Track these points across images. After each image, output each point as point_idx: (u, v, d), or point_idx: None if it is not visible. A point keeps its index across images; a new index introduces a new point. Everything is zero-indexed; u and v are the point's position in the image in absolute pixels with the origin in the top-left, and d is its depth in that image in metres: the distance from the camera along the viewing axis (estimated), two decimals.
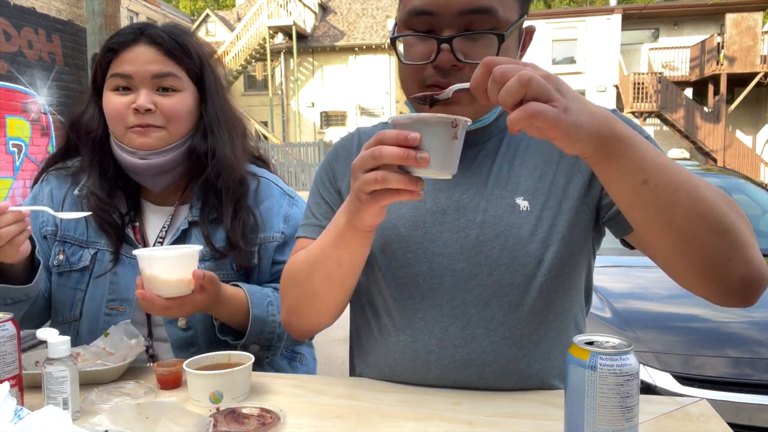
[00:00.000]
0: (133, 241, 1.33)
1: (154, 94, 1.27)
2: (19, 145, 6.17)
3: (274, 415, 0.93)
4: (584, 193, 1.03)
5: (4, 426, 0.77)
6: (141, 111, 1.24)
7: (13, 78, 6.03)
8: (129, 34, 1.27)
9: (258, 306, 1.28)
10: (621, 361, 0.72)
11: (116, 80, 1.27)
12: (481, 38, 0.94)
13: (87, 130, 1.33)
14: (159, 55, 1.27)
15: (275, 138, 22.82)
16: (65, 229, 1.35)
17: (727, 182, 4.19)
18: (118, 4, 5.64)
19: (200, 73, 1.32)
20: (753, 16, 18.28)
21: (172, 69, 1.28)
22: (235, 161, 1.35)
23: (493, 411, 0.95)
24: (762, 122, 20.55)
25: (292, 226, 1.40)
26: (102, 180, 1.33)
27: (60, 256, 1.33)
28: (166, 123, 1.27)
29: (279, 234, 1.40)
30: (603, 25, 21.16)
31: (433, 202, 1.07)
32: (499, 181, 1.05)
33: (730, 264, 0.81)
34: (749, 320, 2.52)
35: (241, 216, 1.34)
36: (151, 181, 1.33)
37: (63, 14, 6.67)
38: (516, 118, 0.69)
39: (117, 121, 1.27)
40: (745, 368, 2.26)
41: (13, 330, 0.96)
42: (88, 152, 1.34)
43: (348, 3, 27.03)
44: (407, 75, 1.00)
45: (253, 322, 1.27)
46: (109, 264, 1.31)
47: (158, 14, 27.80)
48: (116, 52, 1.28)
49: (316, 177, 1.21)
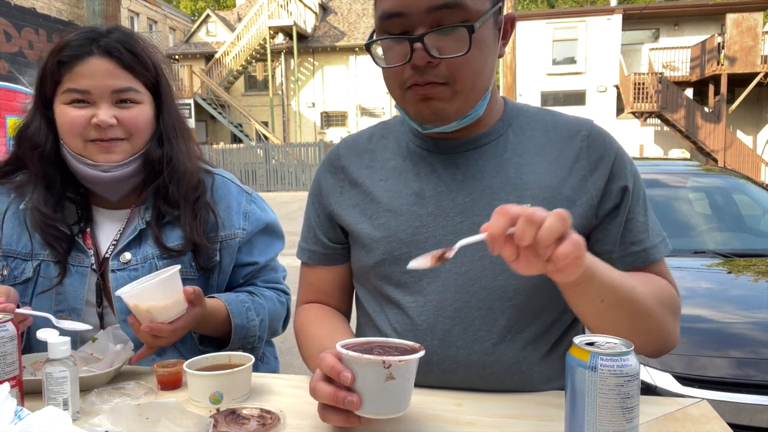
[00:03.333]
0: (83, 247, 1.30)
1: (113, 107, 1.23)
2: None
3: (274, 416, 0.93)
4: (587, 218, 1.04)
5: (4, 426, 0.77)
6: (103, 126, 1.21)
7: (13, 78, 6.04)
8: (81, 46, 1.22)
9: (238, 315, 1.30)
10: (621, 362, 0.72)
11: (71, 95, 1.22)
12: (452, 32, 0.94)
13: (33, 144, 1.27)
14: (116, 69, 1.23)
15: (276, 138, 22.82)
16: (8, 244, 1.30)
17: (728, 182, 4.18)
18: (118, 4, 5.64)
19: (156, 83, 1.30)
20: (753, 16, 18.27)
21: (130, 83, 1.24)
22: (192, 167, 1.34)
23: (494, 412, 0.95)
24: (763, 122, 20.55)
25: (252, 222, 1.41)
26: (48, 194, 1.28)
27: (4, 271, 1.29)
28: (128, 135, 1.25)
29: (240, 230, 1.39)
30: (603, 25, 21.16)
31: (436, 205, 1.06)
32: (506, 186, 1.04)
33: (650, 347, 1.00)
34: (753, 321, 2.52)
35: (200, 215, 1.33)
36: (109, 191, 1.31)
37: (64, 14, 6.68)
38: (568, 253, 0.73)
39: (74, 134, 1.23)
40: (747, 369, 2.25)
41: (13, 330, 0.96)
42: (33, 167, 1.29)
43: (348, 3, 27.03)
44: (388, 79, 1.02)
45: (235, 331, 1.29)
46: (55, 276, 1.27)
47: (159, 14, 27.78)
48: (69, 66, 1.22)
49: (308, 197, 1.24)
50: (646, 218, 1.06)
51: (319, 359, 0.86)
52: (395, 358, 0.78)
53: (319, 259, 1.20)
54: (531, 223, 0.72)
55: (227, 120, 23.62)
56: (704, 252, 3.37)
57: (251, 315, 1.32)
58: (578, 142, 1.06)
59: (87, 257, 1.29)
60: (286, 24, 23.32)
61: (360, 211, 1.12)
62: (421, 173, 1.09)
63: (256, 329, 1.33)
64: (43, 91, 1.27)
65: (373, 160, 1.15)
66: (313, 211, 1.21)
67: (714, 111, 18.98)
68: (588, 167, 1.05)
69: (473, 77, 0.97)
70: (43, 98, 1.27)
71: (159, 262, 1.30)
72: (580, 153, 1.05)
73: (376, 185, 1.12)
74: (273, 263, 1.47)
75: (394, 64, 0.98)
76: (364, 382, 0.79)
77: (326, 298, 1.22)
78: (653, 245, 1.05)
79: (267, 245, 1.44)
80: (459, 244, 0.80)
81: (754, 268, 3.18)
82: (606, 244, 1.05)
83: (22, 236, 1.30)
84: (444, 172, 1.07)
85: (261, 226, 1.43)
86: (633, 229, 1.05)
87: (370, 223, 1.10)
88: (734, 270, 3.15)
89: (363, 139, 1.20)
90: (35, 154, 1.27)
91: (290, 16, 23.74)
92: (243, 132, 23.79)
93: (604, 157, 1.05)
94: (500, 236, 0.74)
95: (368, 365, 0.79)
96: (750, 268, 3.18)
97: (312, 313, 1.19)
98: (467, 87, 0.98)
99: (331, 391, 0.82)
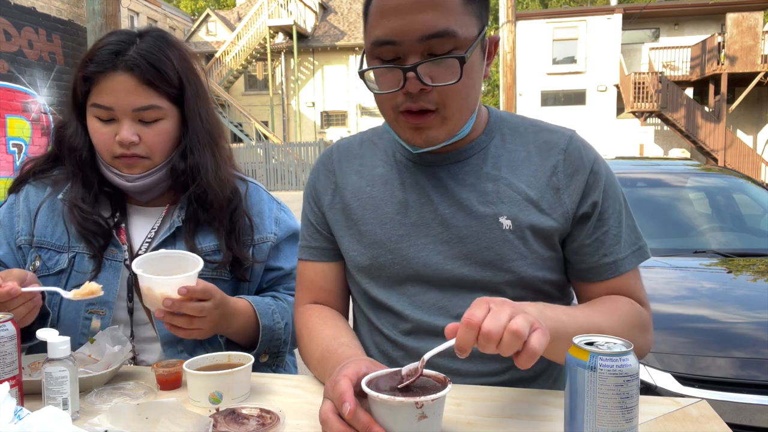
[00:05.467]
0: (117, 242, 1.33)
1: (136, 124, 1.26)
2: (20, 144, 6.18)
3: (273, 416, 0.93)
4: (562, 229, 1.08)
5: (4, 426, 0.76)
6: (125, 144, 1.25)
7: (13, 78, 6.04)
8: (105, 62, 1.24)
9: (265, 316, 1.31)
10: (621, 362, 0.72)
11: (97, 110, 1.26)
12: (444, 61, 0.97)
13: (71, 146, 1.33)
14: (138, 85, 1.24)
15: (276, 138, 22.82)
16: (42, 235, 1.33)
17: (728, 182, 4.18)
18: (118, 3, 5.64)
19: (180, 93, 1.31)
20: (754, 16, 18.27)
21: (152, 100, 1.26)
22: (222, 179, 1.35)
23: (493, 412, 0.95)
24: (763, 122, 20.54)
25: (282, 228, 1.45)
26: (85, 192, 1.32)
27: (36, 262, 1.32)
28: (150, 153, 1.28)
29: (272, 235, 1.43)
30: (604, 24, 21.15)
31: (418, 216, 1.10)
32: (484, 199, 1.08)
33: None
34: (753, 321, 2.51)
35: (238, 226, 1.37)
36: (138, 195, 1.36)
37: (63, 14, 6.68)
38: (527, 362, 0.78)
39: (103, 149, 1.29)
40: (747, 369, 2.25)
41: (13, 330, 0.96)
42: (71, 167, 1.34)
43: (348, 3, 27.02)
44: (381, 103, 1.05)
45: (263, 332, 1.30)
46: (90, 270, 1.30)
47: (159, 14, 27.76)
48: (93, 81, 1.26)
49: (304, 196, 1.26)
50: (620, 230, 1.09)
51: (336, 394, 0.81)
52: (427, 397, 0.76)
53: (322, 254, 1.21)
54: (488, 341, 0.77)
55: (227, 119, 23.61)
56: (704, 252, 3.37)
57: (276, 317, 1.33)
58: (555, 155, 1.10)
59: (120, 252, 1.33)
60: (286, 23, 23.31)
61: (347, 216, 1.16)
62: (406, 183, 1.13)
63: (281, 332, 1.33)
64: (76, 99, 1.31)
65: (363, 165, 1.19)
66: (310, 209, 1.23)
67: (714, 110, 18.97)
68: (564, 180, 1.08)
69: (462, 102, 1.02)
70: (77, 104, 1.31)
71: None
72: (557, 166, 1.09)
73: (363, 191, 1.16)
74: (296, 272, 1.46)
75: (387, 91, 1.00)
76: (395, 423, 0.77)
77: (326, 295, 1.23)
78: (623, 257, 1.09)
79: (292, 253, 1.46)
80: (427, 356, 0.82)
81: (753, 268, 3.18)
82: (577, 254, 1.10)
83: (57, 228, 1.34)
84: (427, 184, 1.11)
85: (289, 233, 1.46)
86: (605, 241, 1.08)
87: (357, 228, 1.14)
88: (734, 270, 3.14)
89: (355, 144, 1.24)
90: (73, 157, 1.33)
91: (290, 15, 23.74)
92: (243, 131, 23.79)
93: (579, 170, 1.08)
94: (468, 348, 0.78)
95: (400, 407, 0.76)
96: (750, 268, 3.18)
97: (315, 312, 1.20)
98: (456, 112, 1.02)
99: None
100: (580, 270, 1.11)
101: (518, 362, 0.79)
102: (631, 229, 1.12)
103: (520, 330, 0.76)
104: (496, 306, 0.79)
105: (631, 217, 1.13)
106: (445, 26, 0.94)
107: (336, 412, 0.81)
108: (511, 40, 10.32)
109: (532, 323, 0.79)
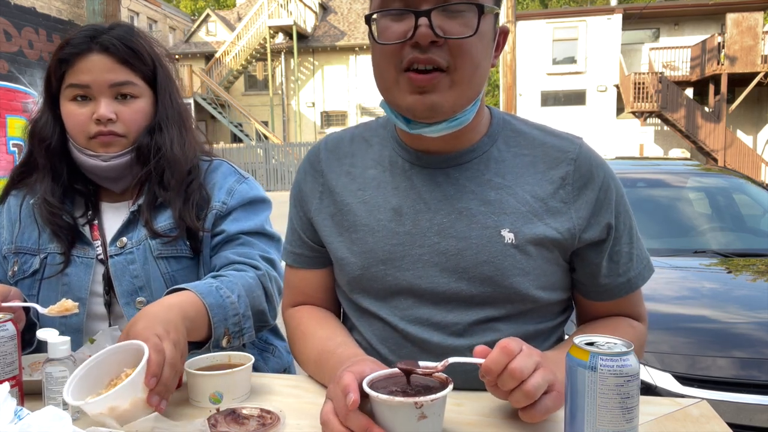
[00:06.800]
0: (88, 239, 1.33)
1: (113, 102, 1.28)
2: (20, 145, 6.17)
3: (274, 416, 0.93)
4: (567, 243, 1.03)
5: (4, 426, 0.76)
6: (103, 121, 1.26)
7: (13, 78, 6.04)
8: (81, 43, 1.27)
9: (208, 295, 1.17)
10: (621, 362, 0.72)
11: (74, 90, 1.27)
12: (459, 15, 0.90)
13: (41, 137, 1.33)
14: (114, 63, 1.27)
15: (276, 138, 22.81)
16: (19, 241, 1.35)
17: (728, 182, 4.18)
18: (118, 3, 5.64)
19: (153, 75, 1.34)
20: (754, 16, 18.26)
21: (128, 77, 1.29)
22: (183, 156, 1.35)
23: (493, 412, 0.95)
24: (763, 122, 20.54)
25: (236, 198, 1.37)
26: (54, 185, 1.33)
27: (14, 267, 1.33)
28: (126, 131, 1.29)
29: (219, 203, 1.36)
30: (604, 24, 21.15)
31: (413, 224, 1.04)
32: (486, 209, 1.02)
33: None
34: (753, 321, 2.51)
35: (192, 198, 1.34)
36: (110, 181, 1.34)
37: (63, 14, 6.68)
38: (536, 417, 0.82)
39: (78, 131, 1.29)
40: (747, 369, 2.25)
41: (13, 330, 0.96)
42: (41, 159, 1.34)
43: (348, 3, 27.02)
44: (383, 58, 0.95)
45: (213, 312, 1.16)
46: (59, 266, 1.30)
47: (159, 14, 27.76)
48: (70, 63, 1.27)
49: (290, 198, 1.21)
50: (631, 247, 1.07)
51: (340, 386, 0.80)
52: (427, 397, 0.76)
53: (305, 262, 1.17)
54: (513, 378, 0.79)
55: (227, 120, 23.61)
56: (704, 252, 3.37)
57: (224, 292, 1.19)
58: (565, 165, 1.03)
59: (92, 249, 1.33)
60: (286, 23, 23.30)
61: (336, 222, 1.10)
62: (401, 187, 1.06)
63: (236, 306, 1.20)
64: (50, 88, 1.32)
65: (354, 165, 1.12)
66: (296, 214, 1.18)
67: (714, 111, 18.97)
68: (572, 193, 1.02)
69: (473, 68, 0.93)
70: (51, 95, 1.33)
71: (152, 241, 1.31)
72: (566, 177, 1.03)
73: (354, 195, 1.09)
74: (248, 238, 1.36)
75: (395, 41, 0.92)
76: (394, 424, 0.77)
77: (312, 301, 1.20)
78: (637, 274, 1.07)
79: (243, 218, 1.37)
80: (450, 361, 0.83)
81: (753, 268, 3.18)
82: (593, 276, 1.07)
83: (32, 232, 1.35)
84: (423, 189, 1.04)
85: (243, 202, 1.38)
86: (618, 261, 1.06)
87: (347, 236, 1.09)
88: (734, 270, 3.14)
89: (345, 141, 1.16)
90: (43, 147, 1.33)
91: (290, 15, 23.73)
92: (243, 131, 23.78)
93: (589, 184, 1.03)
94: (496, 372, 0.80)
95: (400, 407, 0.76)
96: (750, 268, 3.18)
97: (307, 314, 1.17)
98: (466, 77, 0.93)
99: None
100: (593, 291, 1.08)
101: (525, 414, 0.82)
102: (639, 243, 1.08)
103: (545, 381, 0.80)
104: (527, 350, 0.81)
105: (636, 230, 1.09)
106: None
107: (335, 413, 0.80)
108: (511, 40, 10.33)
109: (552, 381, 0.81)
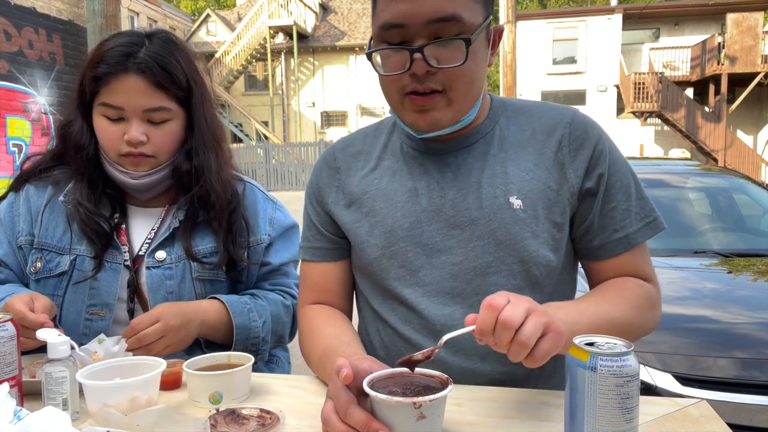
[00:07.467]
0: (117, 244, 1.33)
1: (144, 124, 1.28)
2: (20, 144, 6.18)
3: (273, 416, 0.92)
4: (570, 204, 1.09)
5: (3, 426, 0.76)
6: (133, 143, 1.27)
7: (13, 78, 6.04)
8: (117, 63, 1.26)
9: (239, 315, 1.32)
10: (621, 362, 0.72)
11: (107, 109, 1.28)
12: (450, 44, 0.98)
13: (77, 144, 1.33)
14: (149, 87, 1.26)
15: (276, 138, 22.82)
16: (43, 237, 1.34)
17: (728, 182, 4.18)
18: (118, 4, 5.64)
19: (188, 96, 1.33)
20: (754, 16, 18.26)
21: (161, 102, 1.28)
22: (223, 180, 1.38)
23: (493, 412, 0.95)
24: (763, 122, 20.54)
25: (276, 228, 1.47)
26: (90, 191, 1.34)
27: (38, 264, 1.32)
28: (156, 152, 1.31)
29: (266, 236, 1.45)
30: (604, 24, 21.15)
31: (428, 201, 1.11)
32: (493, 181, 1.08)
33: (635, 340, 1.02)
34: (753, 321, 2.51)
35: (235, 227, 1.38)
36: (138, 194, 1.37)
37: (63, 14, 6.68)
38: (547, 352, 0.80)
39: (109, 147, 1.30)
40: (747, 369, 2.25)
41: (13, 330, 0.96)
42: (76, 166, 1.35)
43: (349, 3, 27.02)
44: (387, 85, 1.05)
45: (237, 331, 1.32)
46: (90, 270, 1.31)
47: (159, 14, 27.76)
48: (104, 81, 1.27)
49: (305, 197, 1.26)
50: (629, 204, 1.10)
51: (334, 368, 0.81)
52: (425, 398, 0.76)
53: (324, 254, 1.21)
54: (506, 329, 0.78)
55: (227, 120, 23.61)
56: (704, 252, 3.37)
57: (253, 316, 1.34)
58: (560, 129, 1.11)
59: (120, 254, 1.33)
60: (286, 24, 23.31)
61: (356, 209, 1.16)
62: (415, 172, 1.13)
63: (259, 330, 1.34)
64: (83, 97, 1.32)
65: (368, 160, 1.19)
66: (312, 209, 1.23)
67: (714, 111, 18.97)
68: (569, 155, 1.09)
69: (467, 86, 1.02)
70: (84, 103, 1.32)
71: (192, 263, 1.34)
72: (562, 140, 1.10)
73: (372, 184, 1.16)
74: (286, 268, 1.49)
75: (394, 72, 1.01)
76: (393, 423, 0.77)
77: (330, 296, 1.23)
78: (634, 231, 1.09)
79: (284, 248, 1.48)
80: (445, 338, 0.83)
81: (754, 268, 3.18)
82: (588, 232, 1.11)
83: (58, 229, 1.34)
84: (435, 171, 1.12)
85: (281, 231, 1.48)
86: (614, 216, 1.09)
87: (367, 220, 1.14)
88: (734, 270, 3.14)
89: (358, 141, 1.24)
90: (79, 156, 1.34)
91: (290, 15, 23.74)
92: (243, 131, 23.79)
93: (584, 144, 1.09)
94: (489, 331, 0.79)
95: (398, 407, 0.76)
96: (750, 268, 3.18)
97: (318, 312, 1.20)
98: (461, 95, 1.02)
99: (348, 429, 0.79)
100: (591, 248, 1.11)
101: (526, 361, 0.80)
102: (642, 202, 1.11)
103: (538, 324, 0.79)
104: (515, 299, 0.81)
105: (642, 191, 1.12)
106: (452, 11, 0.96)
107: (336, 411, 0.81)
108: (511, 41, 10.32)
109: (546, 323, 0.80)
